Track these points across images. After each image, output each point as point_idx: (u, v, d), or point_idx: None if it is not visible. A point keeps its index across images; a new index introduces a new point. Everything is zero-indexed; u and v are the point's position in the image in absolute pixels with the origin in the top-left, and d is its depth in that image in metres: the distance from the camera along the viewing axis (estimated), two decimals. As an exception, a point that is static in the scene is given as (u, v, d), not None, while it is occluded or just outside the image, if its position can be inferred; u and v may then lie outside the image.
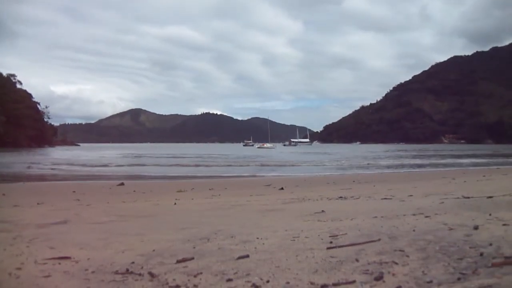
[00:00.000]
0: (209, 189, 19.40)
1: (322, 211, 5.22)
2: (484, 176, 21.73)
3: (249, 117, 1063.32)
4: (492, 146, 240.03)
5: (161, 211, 7.36)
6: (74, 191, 18.08)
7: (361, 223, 4.12)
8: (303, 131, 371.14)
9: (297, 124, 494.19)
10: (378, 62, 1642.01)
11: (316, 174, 35.72)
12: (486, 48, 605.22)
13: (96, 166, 49.69)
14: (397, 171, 40.11)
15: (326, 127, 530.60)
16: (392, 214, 4.39)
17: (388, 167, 45.90)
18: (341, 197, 8.65)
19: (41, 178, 32.73)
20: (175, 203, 9.70)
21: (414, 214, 4.37)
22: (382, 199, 7.36)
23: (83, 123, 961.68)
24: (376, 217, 4.38)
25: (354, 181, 24.39)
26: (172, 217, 6.05)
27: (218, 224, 4.67)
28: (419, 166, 46.26)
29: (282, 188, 17.13)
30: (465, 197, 5.08)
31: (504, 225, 3.78)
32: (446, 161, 58.80)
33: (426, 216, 4.23)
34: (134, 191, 18.62)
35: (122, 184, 23.60)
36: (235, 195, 14.09)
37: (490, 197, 4.84)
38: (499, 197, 4.84)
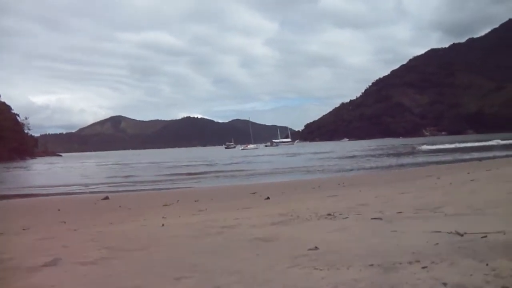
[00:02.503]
0: (195, 201, 19.31)
1: (316, 247, 5.14)
2: (468, 173, 21.78)
3: (230, 119, 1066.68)
4: (473, 137, 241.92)
5: (151, 239, 7.20)
6: (59, 209, 17.94)
7: (358, 277, 4.06)
8: (284, 131, 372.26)
9: (278, 124, 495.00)
10: (356, 58, 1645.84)
11: (300, 178, 35.70)
12: (463, 40, 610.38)
13: (78, 178, 49.45)
14: (381, 170, 40.15)
15: (307, 126, 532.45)
16: (388, 261, 4.31)
17: (372, 168, 45.90)
18: (329, 214, 8.52)
19: (26, 194, 32.44)
20: (163, 224, 9.56)
21: (410, 263, 4.29)
22: (372, 219, 7.24)
23: (64, 132, 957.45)
24: (372, 265, 4.31)
25: (339, 184, 24.37)
26: (164, 253, 5.91)
27: (213, 271, 4.58)
28: (401, 165, 46.16)
29: (268, 198, 17.01)
30: (459, 234, 4.99)
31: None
32: (427, 158, 58.70)
33: (423, 267, 4.15)
34: (120, 206, 18.53)
35: (107, 198, 23.44)
36: (222, 208, 13.96)
37: (485, 236, 4.76)
38: (494, 236, 4.77)
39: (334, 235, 6.10)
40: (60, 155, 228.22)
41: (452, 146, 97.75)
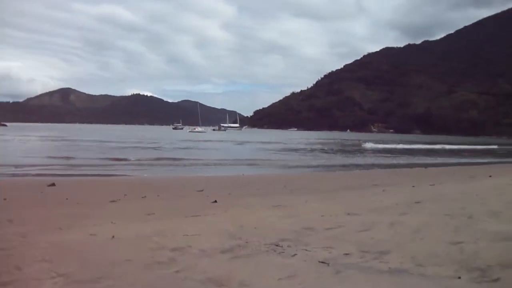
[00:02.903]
0: (142, 197, 19.35)
1: None
2: (413, 186, 22.19)
3: (180, 100, 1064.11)
4: (419, 137, 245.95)
5: (103, 264, 7.23)
6: (5, 199, 17.70)
7: None
8: (233, 116, 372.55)
9: (227, 108, 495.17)
10: (311, 49, 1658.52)
11: (247, 173, 35.75)
12: (418, 41, 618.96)
13: (23, 155, 48.70)
14: (326, 171, 40.43)
15: (257, 112, 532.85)
16: None
17: (318, 166, 46.18)
18: (277, 245, 8.64)
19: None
20: (113, 236, 9.55)
21: None
22: (319, 262, 7.40)
23: (11, 101, 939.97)
24: None
25: (284, 186, 24.52)
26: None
27: None
28: (347, 166, 46.51)
29: (215, 201, 17.12)
30: None
31: None
32: (372, 159, 59.15)
33: None
34: (67, 199, 18.33)
35: (53, 184, 23.23)
36: (170, 213, 14.00)
37: None
38: None
39: (283, 286, 6.24)
40: (5, 125, 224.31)
41: (399, 146, 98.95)
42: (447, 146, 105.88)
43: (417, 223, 10.59)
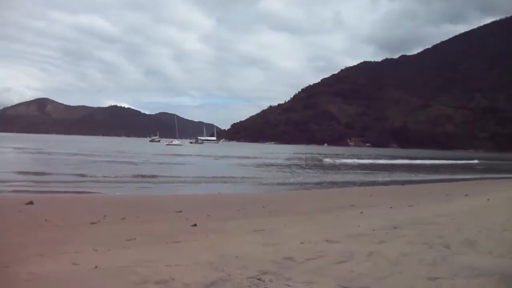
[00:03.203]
0: (122, 219, 19.35)
1: None
2: (391, 207, 22.37)
3: (157, 112, 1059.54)
4: (396, 150, 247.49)
5: None
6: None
7: None
8: (210, 128, 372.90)
9: (205, 121, 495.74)
10: (288, 63, 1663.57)
11: (225, 192, 35.79)
12: (395, 56, 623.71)
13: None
14: (304, 189, 40.49)
15: (234, 125, 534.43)
16: None
17: (295, 183, 46.26)
18: (259, 279, 8.66)
19: None
20: (96, 266, 9.59)
21: None
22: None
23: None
24: None
25: (264, 207, 24.55)
26: None
27: None
28: (323, 184, 46.52)
29: (195, 225, 17.10)
30: None
31: None
32: (349, 176, 59.14)
33: None
34: (46, 220, 18.24)
35: (31, 203, 23.14)
36: (151, 239, 13.99)
37: None
38: None
39: None
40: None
41: (376, 162, 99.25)
42: (426, 161, 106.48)
43: (395, 254, 10.69)
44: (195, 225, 17.25)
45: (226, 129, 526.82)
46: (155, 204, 26.55)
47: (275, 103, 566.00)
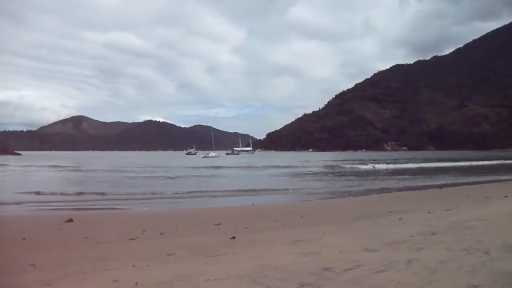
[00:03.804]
0: (160, 234, 19.42)
1: None
2: (429, 212, 22.13)
3: (192, 125, 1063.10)
4: (434, 153, 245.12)
5: None
6: (24, 239, 17.83)
7: None
8: (246, 139, 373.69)
9: (240, 132, 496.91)
10: (321, 70, 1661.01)
11: (263, 203, 35.77)
12: (427, 57, 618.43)
13: (38, 186, 48.72)
14: (341, 197, 40.28)
15: (269, 135, 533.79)
16: None
17: (333, 192, 46.01)
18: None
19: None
20: (136, 283, 9.51)
21: None
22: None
23: (25, 130, 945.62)
24: None
25: (302, 217, 24.51)
26: None
27: None
28: (361, 191, 46.01)
29: (233, 237, 17.08)
30: None
31: None
32: (387, 182, 58.54)
33: None
34: (86, 237, 18.41)
35: (71, 220, 23.35)
36: (189, 253, 14.00)
37: None
38: None
39: None
40: (20, 154, 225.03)
41: (413, 166, 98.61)
42: (464, 163, 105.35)
43: (434, 261, 10.55)
44: (234, 237, 17.24)
45: (262, 139, 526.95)
46: (193, 218, 26.57)
47: (309, 111, 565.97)
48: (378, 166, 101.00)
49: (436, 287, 8.67)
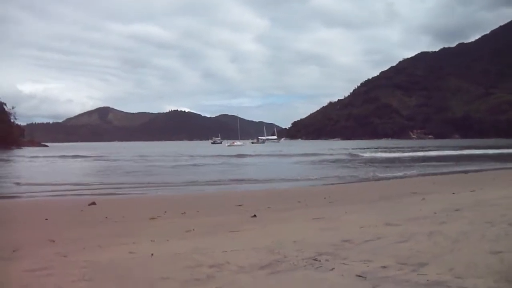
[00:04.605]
0: (182, 214, 19.35)
1: None
2: (453, 193, 21.88)
3: (217, 114, 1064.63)
4: (459, 141, 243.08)
5: (140, 282, 7.23)
6: (46, 219, 17.91)
7: None
8: (271, 128, 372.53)
9: (265, 121, 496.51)
10: (345, 58, 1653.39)
11: (288, 185, 35.72)
12: (453, 44, 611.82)
13: (63, 174, 49.02)
14: (366, 182, 40.11)
15: (294, 124, 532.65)
16: None
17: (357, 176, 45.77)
18: (315, 259, 8.54)
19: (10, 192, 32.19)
20: (152, 254, 9.55)
21: None
22: (356, 276, 7.30)
23: (51, 122, 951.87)
24: None
25: (325, 198, 24.35)
26: None
27: None
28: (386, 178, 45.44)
29: (254, 215, 17.03)
30: None
31: None
32: (412, 169, 57.96)
33: None
34: (106, 217, 18.41)
35: (94, 203, 23.36)
36: (209, 229, 13.87)
37: None
38: None
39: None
40: (46, 146, 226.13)
41: (439, 153, 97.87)
42: (490, 151, 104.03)
43: (456, 232, 10.42)
44: (255, 216, 17.20)
45: (287, 128, 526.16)
46: (215, 200, 26.60)
47: (334, 99, 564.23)
48: (404, 154, 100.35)
49: (458, 254, 8.50)
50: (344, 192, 29.36)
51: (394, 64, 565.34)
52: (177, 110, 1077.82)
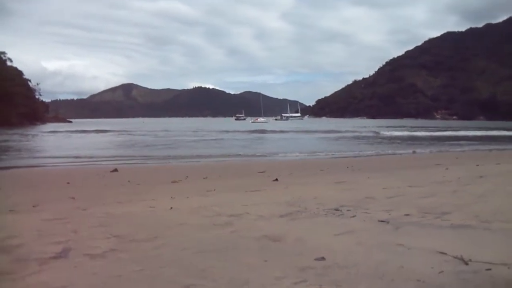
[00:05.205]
0: (203, 178, 19.30)
1: (322, 258, 5.09)
2: (477, 165, 21.62)
3: (241, 91, 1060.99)
4: (484, 123, 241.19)
5: (159, 227, 7.13)
6: (68, 183, 17.98)
7: None
8: (294, 106, 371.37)
9: (289, 98, 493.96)
10: (370, 37, 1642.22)
11: (310, 157, 35.63)
12: (480, 25, 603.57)
13: (86, 147, 49.22)
14: (391, 153, 40.00)
15: (318, 102, 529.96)
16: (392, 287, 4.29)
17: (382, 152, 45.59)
18: (336, 209, 8.46)
19: (35, 163, 32.30)
20: (171, 207, 9.52)
21: None
22: (379, 221, 7.19)
23: (75, 98, 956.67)
24: None
25: (347, 167, 24.22)
26: (172, 247, 5.86)
27: (221, 279, 4.54)
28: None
29: (276, 179, 16.98)
30: (464, 262, 4.90)
31: None
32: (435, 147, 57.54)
33: None
34: (129, 181, 18.47)
35: (116, 170, 23.40)
36: (229, 189, 13.90)
37: (489, 269, 4.67)
38: (498, 269, 4.67)
39: (340, 241, 6.00)
40: (70, 121, 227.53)
41: (462, 133, 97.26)
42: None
43: (481, 190, 10.35)
44: (276, 179, 17.17)
45: (311, 106, 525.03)
46: (238, 167, 26.77)
47: (358, 78, 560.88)
48: (428, 133, 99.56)
49: (483, 205, 8.43)
50: (366, 162, 29.29)
51: (419, 44, 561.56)
52: (201, 86, 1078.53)
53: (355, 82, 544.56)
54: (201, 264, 5.02)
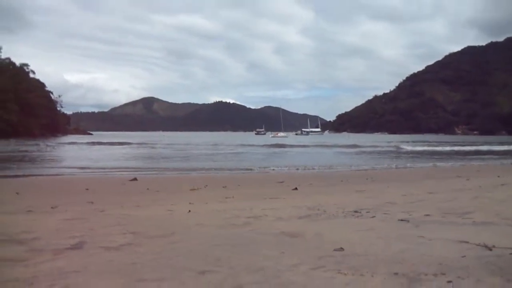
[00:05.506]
0: (223, 187, 19.31)
1: (341, 248, 5.06)
2: (498, 176, 21.51)
3: (262, 106, 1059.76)
4: (507, 138, 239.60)
5: (176, 226, 7.14)
6: (87, 189, 18.04)
7: (382, 287, 4.01)
8: (314, 120, 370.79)
9: (309, 113, 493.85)
10: (390, 51, 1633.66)
11: (330, 170, 35.59)
12: (501, 39, 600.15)
13: (106, 158, 49.47)
14: (411, 168, 39.86)
15: (339, 117, 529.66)
16: (413, 271, 4.22)
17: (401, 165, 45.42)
18: (356, 211, 8.42)
19: (54, 172, 32.47)
20: (189, 210, 9.52)
21: (435, 275, 4.19)
22: (399, 220, 7.14)
23: (96, 111, 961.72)
24: (397, 274, 4.22)
25: (367, 178, 24.20)
26: (188, 242, 5.85)
27: (236, 267, 4.51)
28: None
29: (295, 188, 16.94)
30: (487, 247, 4.86)
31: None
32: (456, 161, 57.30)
33: (449, 281, 4.05)
34: (148, 189, 18.52)
35: (135, 179, 23.50)
36: (249, 197, 13.90)
37: None
38: None
39: (360, 235, 5.97)
40: (91, 134, 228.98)
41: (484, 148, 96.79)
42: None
43: (502, 196, 10.33)
44: (296, 188, 17.16)
45: (331, 121, 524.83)
46: (257, 178, 26.89)
47: (379, 93, 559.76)
48: (449, 148, 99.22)
49: (505, 206, 8.45)
50: (386, 174, 29.34)
51: (440, 59, 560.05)
52: (221, 101, 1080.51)
53: (375, 97, 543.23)
54: (217, 254, 5.01)
